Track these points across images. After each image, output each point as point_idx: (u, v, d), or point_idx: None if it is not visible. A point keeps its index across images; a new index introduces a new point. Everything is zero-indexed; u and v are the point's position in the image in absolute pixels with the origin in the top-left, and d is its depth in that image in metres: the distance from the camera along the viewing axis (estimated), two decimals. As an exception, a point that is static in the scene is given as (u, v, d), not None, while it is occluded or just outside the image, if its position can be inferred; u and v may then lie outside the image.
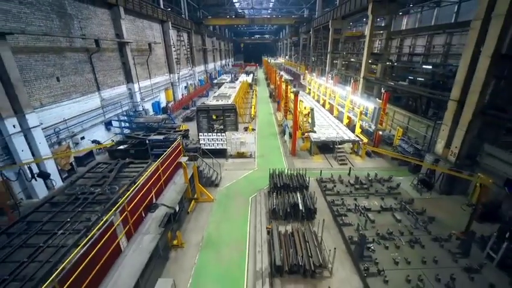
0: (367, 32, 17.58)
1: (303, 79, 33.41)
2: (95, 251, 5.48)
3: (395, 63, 21.97)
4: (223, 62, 64.13)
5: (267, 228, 8.08)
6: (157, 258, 7.19)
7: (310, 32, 35.95)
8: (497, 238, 6.98)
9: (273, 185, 10.02)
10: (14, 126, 9.54)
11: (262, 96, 33.60)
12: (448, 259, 6.92)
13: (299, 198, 8.91)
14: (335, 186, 10.54)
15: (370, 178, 10.98)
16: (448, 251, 7.16)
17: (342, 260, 7.13)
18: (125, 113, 17.66)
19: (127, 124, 16.98)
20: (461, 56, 9.82)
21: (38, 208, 8.22)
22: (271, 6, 55.28)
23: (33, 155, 10.26)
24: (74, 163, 12.60)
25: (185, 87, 32.68)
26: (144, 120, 17.01)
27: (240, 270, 6.94)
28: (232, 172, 12.62)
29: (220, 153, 13.98)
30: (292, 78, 38.08)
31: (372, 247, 7.19)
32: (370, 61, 19.56)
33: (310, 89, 28.16)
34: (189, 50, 34.24)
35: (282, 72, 37.12)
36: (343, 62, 27.66)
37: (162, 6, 25.12)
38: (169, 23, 25.85)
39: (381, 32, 21.28)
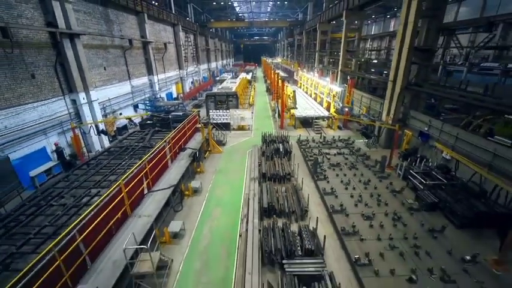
0: (342, 33, 21.79)
1: (296, 75, 37.65)
2: (154, 161, 9.61)
3: (368, 59, 26.14)
4: (225, 61, 68.49)
5: (258, 162, 12.21)
6: (188, 175, 11.35)
7: (303, 34, 40.25)
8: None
9: (263, 141, 14.18)
10: (83, 98, 13.74)
11: (260, 90, 37.84)
12: (371, 174, 11.06)
13: (281, 145, 13.08)
14: (308, 143, 14.71)
15: (334, 139, 15.18)
16: (372, 171, 11.30)
17: (305, 176, 11.23)
18: (147, 99, 21.86)
19: (149, 107, 21.16)
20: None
21: (102, 154, 12.41)
22: (269, 10, 59.62)
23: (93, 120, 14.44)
24: (116, 131, 16.78)
25: (191, 82, 36.92)
26: (163, 103, 21.25)
27: (240, 180, 11.11)
28: (234, 138, 16.80)
29: (225, 127, 18.14)
30: (287, 75, 42.31)
31: (324, 168, 11.37)
32: (348, 57, 23.81)
33: (301, 83, 32.43)
34: (194, 49, 38.53)
35: (278, 71, 41.37)
36: (330, 60, 31.86)
37: (173, 12, 29.40)
38: (180, 26, 30.13)
39: (367, 34, 25.51)
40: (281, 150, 12.65)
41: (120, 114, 17.72)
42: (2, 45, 9.77)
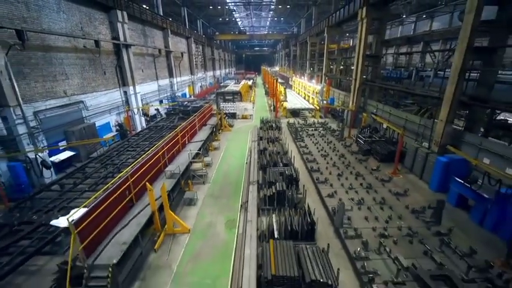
0: (325, 45, 27.38)
1: (291, 81, 43.30)
2: (188, 127, 14.83)
3: (346, 65, 31.71)
4: (227, 70, 74.63)
5: (257, 133, 17.37)
6: (210, 140, 16.50)
7: (297, 45, 46.18)
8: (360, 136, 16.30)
9: (261, 122, 19.41)
10: (131, 90, 19.07)
11: (259, 93, 43.38)
12: (334, 139, 16.23)
13: (273, 124, 18.29)
14: (295, 125, 19.95)
15: (314, 122, 20.41)
16: (336, 138, 16.47)
17: (289, 141, 16.40)
18: (169, 97, 27.25)
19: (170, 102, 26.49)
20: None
21: (143, 130, 17.61)
22: (267, 24, 66.15)
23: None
24: (149, 117, 22.03)
25: (200, 86, 42.48)
26: (182, 100, 26.58)
27: (244, 145, 16.25)
28: (240, 124, 22.05)
29: (232, 116, 23.38)
30: (283, 81, 47.98)
31: (303, 136, 16.54)
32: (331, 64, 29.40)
33: (294, 87, 37.98)
34: (202, 58, 44.34)
35: (276, 76, 47.11)
36: (319, 67, 37.51)
37: (187, 27, 35.25)
38: (192, 38, 35.93)
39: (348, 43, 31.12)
40: (274, 126, 17.89)
41: (151, 105, 23.02)
42: (93, 52, 15.16)
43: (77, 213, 5.98)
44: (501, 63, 19.60)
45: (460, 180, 8.86)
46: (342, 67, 30.50)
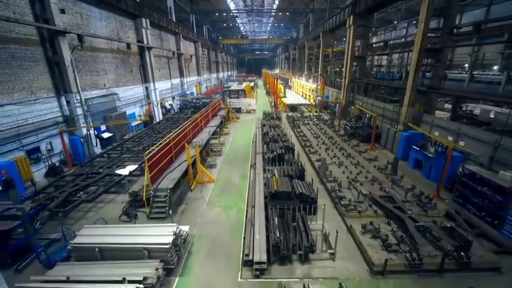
0: (320, 48, 30.50)
1: (290, 82, 46.44)
2: (204, 115, 17.82)
3: (340, 66, 34.81)
4: (229, 73, 77.94)
5: (261, 123, 20.34)
6: (221, 127, 19.46)
7: (296, 49, 49.43)
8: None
9: (263, 114, 22.39)
10: (152, 86, 22.10)
11: (260, 94, 46.49)
12: (326, 126, 19.18)
13: (275, 115, 21.27)
14: (293, 117, 22.93)
15: (310, 115, 23.40)
16: (327, 126, 19.42)
17: (288, 129, 19.35)
18: (179, 94, 30.29)
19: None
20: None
21: (162, 121, 20.61)
22: (268, 29, 69.68)
23: (155, 101, 22.72)
24: (165, 111, 25.04)
25: (205, 87, 45.59)
26: (191, 97, 29.62)
27: (250, 132, 19.20)
28: (244, 117, 25.04)
29: (238, 111, 26.38)
30: (283, 82, 51.11)
31: (299, 125, 19.50)
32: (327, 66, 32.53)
33: (293, 87, 41.08)
34: (208, 61, 47.53)
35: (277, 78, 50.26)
36: (316, 68, 40.65)
37: (195, 32, 38.48)
38: (199, 42, 39.15)
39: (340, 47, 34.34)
40: (274, 116, 20.90)
41: (166, 101, 26.04)
42: (124, 53, 18.22)
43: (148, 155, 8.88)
44: (481, 64, 22.83)
45: (415, 147, 11.80)
46: (337, 69, 33.72)
